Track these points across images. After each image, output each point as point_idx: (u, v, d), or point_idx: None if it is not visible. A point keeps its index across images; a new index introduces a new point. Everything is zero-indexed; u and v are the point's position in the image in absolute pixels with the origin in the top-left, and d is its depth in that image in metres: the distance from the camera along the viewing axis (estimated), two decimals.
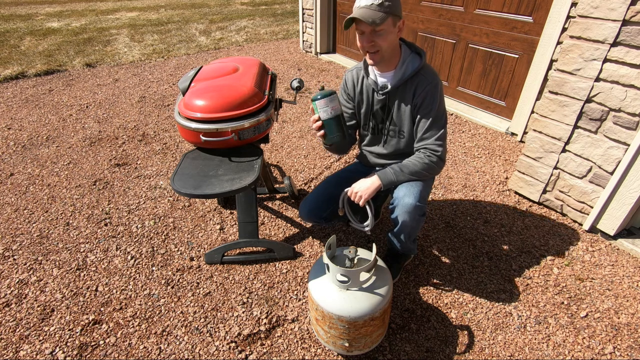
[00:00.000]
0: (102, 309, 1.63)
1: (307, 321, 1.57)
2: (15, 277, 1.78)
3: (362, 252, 1.39)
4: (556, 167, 2.07)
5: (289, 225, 2.11)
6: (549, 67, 2.60)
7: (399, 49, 1.44)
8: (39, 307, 1.64)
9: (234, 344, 1.48)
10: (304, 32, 5.32)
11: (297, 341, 1.50)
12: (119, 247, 1.96)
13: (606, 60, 1.72)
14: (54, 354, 1.45)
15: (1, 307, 1.64)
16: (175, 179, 1.60)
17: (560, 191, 2.10)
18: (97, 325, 1.56)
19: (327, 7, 4.84)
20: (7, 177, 2.55)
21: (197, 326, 1.55)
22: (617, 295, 1.68)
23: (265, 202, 2.29)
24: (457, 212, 2.20)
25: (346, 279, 1.28)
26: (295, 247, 1.94)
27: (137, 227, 2.10)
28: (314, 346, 1.48)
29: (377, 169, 1.62)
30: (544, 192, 2.18)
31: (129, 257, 1.89)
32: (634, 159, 1.74)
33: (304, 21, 5.21)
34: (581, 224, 2.07)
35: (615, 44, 1.67)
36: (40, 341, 1.50)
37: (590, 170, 1.92)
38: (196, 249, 1.95)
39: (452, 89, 3.60)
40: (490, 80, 3.22)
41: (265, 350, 1.46)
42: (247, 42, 6.01)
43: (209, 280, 1.77)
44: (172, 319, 1.58)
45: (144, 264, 1.86)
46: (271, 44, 5.90)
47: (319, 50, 5.15)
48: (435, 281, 1.76)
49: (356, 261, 1.35)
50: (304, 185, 2.47)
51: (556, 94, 1.94)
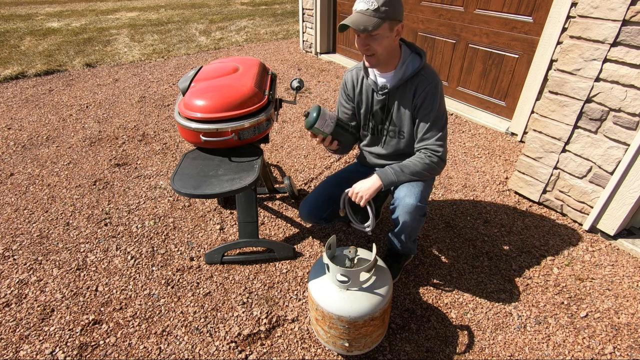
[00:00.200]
0: (102, 309, 1.63)
1: (307, 321, 1.57)
2: (15, 277, 1.78)
3: (362, 252, 1.39)
4: (556, 167, 2.07)
5: (289, 225, 2.11)
6: (549, 67, 2.60)
7: (399, 50, 1.44)
8: (39, 307, 1.64)
9: (234, 344, 1.48)
10: (304, 32, 5.32)
11: (297, 341, 1.50)
12: (119, 247, 1.96)
13: (606, 60, 1.72)
14: (54, 354, 1.45)
15: (1, 307, 1.64)
16: (175, 179, 1.60)
17: (560, 191, 2.10)
18: (97, 325, 1.56)
19: (327, 7, 4.84)
20: (7, 177, 2.55)
21: (197, 326, 1.55)
22: (617, 295, 1.68)
23: (265, 202, 2.29)
24: (457, 212, 2.20)
25: (346, 279, 1.28)
26: (295, 247, 1.94)
27: (137, 227, 2.10)
28: (314, 346, 1.48)
29: (375, 169, 1.62)
30: (544, 192, 2.18)
31: (129, 257, 1.90)
32: (634, 159, 1.74)
33: (304, 21, 5.21)
34: (581, 224, 2.07)
35: (615, 44, 1.67)
36: (40, 341, 1.50)
37: (590, 170, 1.92)
38: (196, 249, 1.95)
39: (452, 89, 3.60)
40: (490, 80, 3.22)
41: (265, 350, 1.46)
42: (247, 42, 6.01)
43: (209, 280, 1.77)
44: (172, 319, 1.58)
45: (144, 264, 1.86)
46: (271, 44, 5.90)
47: (319, 50, 5.15)
48: (435, 281, 1.76)
49: (356, 261, 1.35)
50: (304, 185, 2.47)
51: (556, 94, 1.94)
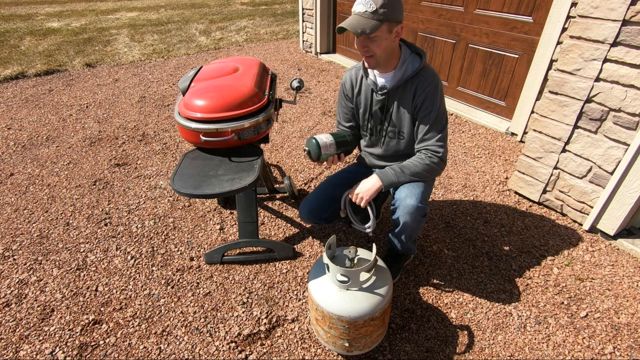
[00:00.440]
0: (102, 309, 1.63)
1: (307, 321, 1.57)
2: (15, 277, 1.78)
3: (362, 252, 1.39)
4: (556, 167, 2.07)
5: (289, 225, 2.11)
6: (549, 67, 2.60)
7: (399, 50, 1.44)
8: (39, 307, 1.64)
9: (234, 344, 1.48)
10: (304, 32, 5.32)
11: (297, 341, 1.50)
12: (119, 247, 1.96)
13: (606, 60, 1.72)
14: (54, 354, 1.45)
15: (1, 307, 1.64)
16: (175, 179, 1.60)
17: (560, 191, 2.10)
18: (97, 325, 1.56)
19: (327, 7, 4.84)
20: (7, 177, 2.55)
21: (197, 326, 1.55)
22: (617, 295, 1.68)
23: (265, 202, 2.29)
24: (457, 212, 2.20)
25: (346, 279, 1.28)
26: (295, 247, 1.94)
27: (137, 227, 2.10)
28: (314, 346, 1.48)
29: (374, 170, 1.62)
30: (544, 192, 2.18)
31: (129, 257, 1.90)
32: (634, 159, 1.74)
33: (304, 21, 5.21)
34: (581, 224, 2.07)
35: (615, 44, 1.67)
36: (40, 341, 1.50)
37: (590, 170, 1.92)
38: (196, 249, 1.95)
39: (452, 89, 3.60)
40: (490, 80, 3.22)
41: (265, 350, 1.46)
42: (247, 42, 6.01)
43: (209, 280, 1.77)
44: (172, 319, 1.58)
45: (144, 264, 1.86)
46: (271, 44, 5.90)
47: (319, 50, 5.15)
48: (435, 281, 1.76)
49: (356, 261, 1.35)
50: (304, 185, 2.47)
51: (556, 94, 1.94)
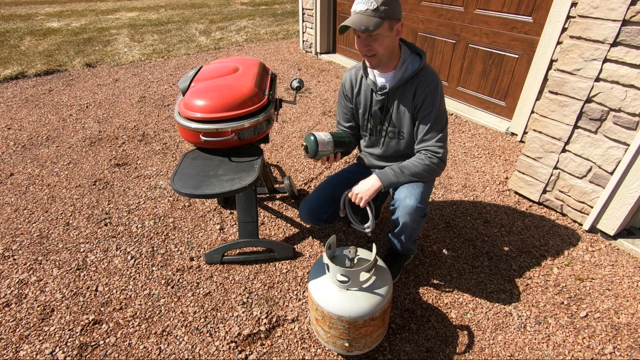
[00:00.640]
0: (102, 309, 1.63)
1: (307, 321, 1.57)
2: (15, 277, 1.78)
3: (362, 252, 1.39)
4: (556, 167, 2.07)
5: (289, 225, 2.11)
6: (549, 67, 2.60)
7: (399, 50, 1.44)
8: (39, 307, 1.64)
9: (234, 344, 1.48)
10: (304, 32, 5.32)
11: (297, 341, 1.50)
12: (119, 247, 1.96)
13: (606, 60, 1.72)
14: (54, 354, 1.45)
15: (1, 307, 1.64)
16: (175, 179, 1.60)
17: (560, 191, 2.10)
18: (97, 325, 1.56)
19: (327, 7, 4.84)
20: (7, 177, 2.55)
21: (197, 326, 1.55)
22: (617, 295, 1.68)
23: (265, 202, 2.29)
24: (457, 212, 2.20)
25: (346, 279, 1.28)
26: (295, 247, 1.94)
27: (137, 227, 2.10)
28: (314, 346, 1.48)
29: (373, 170, 1.62)
30: (544, 192, 2.18)
31: (129, 257, 1.90)
32: (634, 159, 1.74)
33: (304, 21, 5.21)
34: (581, 224, 2.07)
35: (615, 44, 1.67)
36: (40, 341, 1.50)
37: (590, 170, 1.92)
38: (196, 249, 1.95)
39: (452, 89, 3.60)
40: (490, 80, 3.22)
41: (265, 350, 1.46)
42: (247, 42, 6.01)
43: (209, 280, 1.77)
44: (172, 319, 1.58)
45: (144, 264, 1.86)
46: (271, 44, 5.90)
47: (319, 50, 5.15)
48: (435, 281, 1.76)
49: (356, 261, 1.35)
50: (304, 185, 2.47)
51: (556, 94, 1.94)
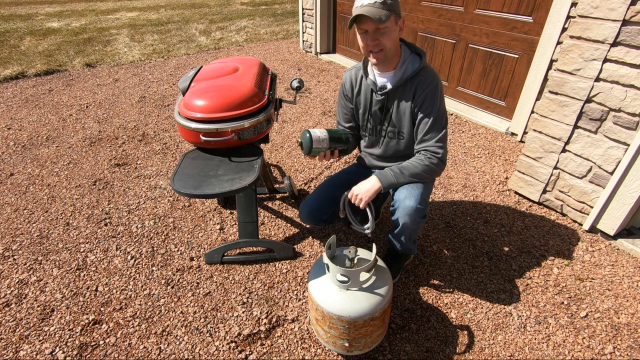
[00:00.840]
0: (102, 309, 1.63)
1: (307, 321, 1.57)
2: (15, 277, 1.78)
3: (362, 252, 1.39)
4: (556, 167, 2.07)
5: (289, 225, 2.11)
6: (549, 67, 2.60)
7: (400, 49, 1.44)
8: (39, 307, 1.64)
9: (234, 344, 1.48)
10: (304, 32, 5.32)
11: (297, 341, 1.50)
12: (119, 247, 1.96)
13: (606, 60, 1.72)
14: (54, 354, 1.45)
15: (1, 307, 1.64)
16: (175, 179, 1.60)
17: (560, 191, 2.10)
18: (97, 325, 1.56)
19: (327, 7, 4.84)
20: (7, 177, 2.55)
21: (197, 326, 1.55)
22: (617, 295, 1.68)
23: (265, 202, 2.29)
24: (457, 212, 2.20)
25: (346, 279, 1.28)
26: (295, 247, 1.94)
27: (137, 227, 2.10)
28: (314, 346, 1.48)
29: (373, 171, 1.62)
30: (544, 192, 2.18)
31: (129, 257, 1.90)
32: (634, 159, 1.74)
33: (304, 21, 5.21)
34: (581, 224, 2.07)
35: (615, 44, 1.67)
36: (40, 341, 1.50)
37: (590, 170, 1.92)
38: (196, 249, 1.95)
39: (452, 89, 3.60)
40: (490, 80, 3.22)
41: (265, 350, 1.46)
42: (247, 42, 6.01)
43: (209, 280, 1.77)
44: (172, 319, 1.58)
45: (144, 264, 1.86)
46: (271, 44, 5.90)
47: (319, 50, 5.15)
48: (435, 281, 1.76)
49: (356, 261, 1.35)
50: (304, 185, 2.47)
51: (556, 94, 1.94)
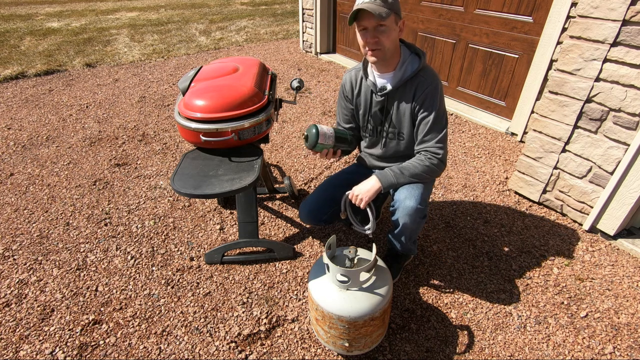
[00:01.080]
0: (102, 309, 1.63)
1: (307, 321, 1.57)
2: (15, 277, 1.78)
3: (362, 252, 1.39)
4: (556, 167, 2.07)
5: (289, 225, 2.11)
6: (549, 67, 2.60)
7: (399, 50, 1.44)
8: (39, 307, 1.64)
9: (234, 344, 1.48)
10: (304, 32, 5.32)
11: (297, 341, 1.50)
12: (119, 247, 1.96)
13: (606, 60, 1.72)
14: (54, 354, 1.45)
15: (1, 307, 1.64)
16: (175, 179, 1.60)
17: (560, 191, 2.10)
18: (97, 325, 1.56)
19: (327, 7, 4.84)
20: (7, 177, 2.55)
21: (197, 326, 1.55)
22: (617, 295, 1.68)
23: (265, 202, 2.29)
24: (457, 212, 2.20)
25: (346, 279, 1.28)
26: (295, 247, 1.94)
27: (137, 227, 2.10)
28: (314, 346, 1.48)
29: (374, 171, 1.62)
30: (544, 192, 2.18)
31: (129, 257, 1.90)
32: (634, 159, 1.74)
33: (304, 21, 5.21)
34: (581, 224, 2.07)
35: (615, 44, 1.67)
36: (40, 341, 1.50)
37: (590, 170, 1.92)
38: (196, 249, 1.95)
39: (452, 89, 3.60)
40: (490, 80, 3.22)
41: (265, 350, 1.46)
42: (247, 42, 6.01)
43: (209, 280, 1.77)
44: (172, 319, 1.58)
45: (144, 264, 1.86)
46: (271, 44, 5.90)
47: (319, 50, 5.15)
48: (435, 281, 1.76)
49: (356, 261, 1.35)
50: (304, 185, 2.47)
51: (556, 94, 1.94)
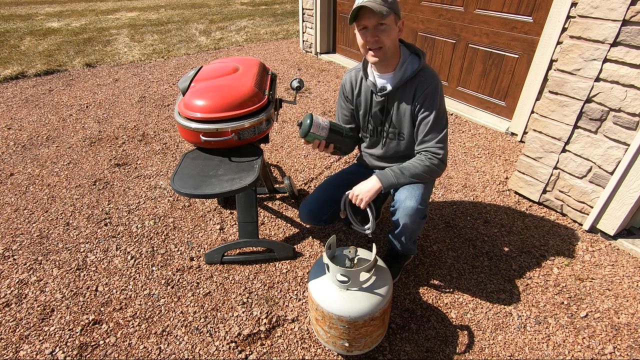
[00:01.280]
0: (102, 309, 1.63)
1: (307, 321, 1.57)
2: (15, 277, 1.78)
3: (362, 252, 1.39)
4: (556, 167, 2.07)
5: (289, 225, 2.11)
6: (549, 67, 2.60)
7: (399, 50, 1.44)
8: (39, 307, 1.64)
9: (234, 344, 1.48)
10: (304, 32, 5.32)
11: (297, 341, 1.50)
12: (119, 247, 1.96)
13: (606, 60, 1.72)
14: (54, 354, 1.45)
15: (1, 307, 1.64)
16: (175, 179, 1.60)
17: (560, 191, 2.10)
18: (97, 325, 1.56)
19: (327, 7, 4.84)
20: (7, 177, 2.55)
21: (197, 326, 1.55)
22: (617, 295, 1.68)
23: (265, 202, 2.29)
24: (457, 212, 2.20)
25: (346, 279, 1.28)
26: (295, 247, 1.94)
27: (137, 227, 2.10)
28: (314, 346, 1.48)
29: (374, 171, 1.62)
30: (544, 192, 2.18)
31: (129, 257, 1.90)
32: (634, 159, 1.74)
33: (304, 21, 5.21)
34: (581, 224, 2.07)
35: (615, 44, 1.67)
36: (40, 341, 1.50)
37: (590, 170, 1.92)
38: (196, 249, 1.95)
39: (452, 89, 3.60)
40: (490, 80, 3.22)
41: (265, 350, 1.46)
42: (247, 42, 6.01)
43: (209, 280, 1.77)
44: (172, 319, 1.58)
45: (144, 264, 1.86)
46: (271, 44, 5.90)
47: (319, 50, 5.15)
48: (435, 281, 1.76)
49: (356, 261, 1.35)
50: (304, 185, 2.47)
51: (556, 94, 1.94)
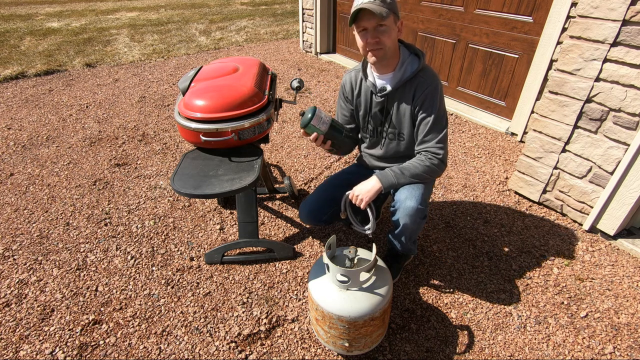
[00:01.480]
0: (102, 309, 1.63)
1: (307, 321, 1.57)
2: (15, 277, 1.78)
3: (362, 252, 1.39)
4: (556, 167, 2.07)
5: (289, 225, 2.11)
6: (549, 67, 2.60)
7: (398, 51, 1.44)
8: (39, 307, 1.64)
9: (234, 344, 1.48)
10: (304, 32, 5.32)
11: (297, 341, 1.50)
12: (119, 247, 1.96)
13: (606, 60, 1.72)
14: (54, 354, 1.45)
15: (1, 307, 1.64)
16: (175, 179, 1.60)
17: (560, 191, 2.10)
18: (97, 325, 1.56)
19: (327, 7, 4.84)
20: (7, 177, 2.55)
21: (197, 326, 1.55)
22: (617, 295, 1.68)
23: (265, 202, 2.29)
24: (457, 212, 2.20)
25: (346, 279, 1.28)
26: (295, 247, 1.94)
27: (137, 227, 2.10)
28: (314, 346, 1.48)
29: (374, 171, 1.62)
30: (544, 192, 2.18)
31: (129, 257, 1.90)
32: (634, 159, 1.74)
33: (304, 21, 5.21)
34: (581, 224, 2.07)
35: (615, 44, 1.67)
36: (40, 341, 1.50)
37: (590, 170, 1.92)
38: (196, 249, 1.95)
39: (452, 89, 3.60)
40: (490, 80, 3.22)
41: (265, 350, 1.46)
42: (247, 42, 6.01)
43: (209, 280, 1.77)
44: (172, 319, 1.58)
45: (144, 264, 1.86)
46: (271, 44, 5.90)
47: (319, 50, 5.15)
48: (435, 281, 1.76)
49: (356, 261, 1.35)
50: (304, 185, 2.47)
51: (556, 94, 1.94)
